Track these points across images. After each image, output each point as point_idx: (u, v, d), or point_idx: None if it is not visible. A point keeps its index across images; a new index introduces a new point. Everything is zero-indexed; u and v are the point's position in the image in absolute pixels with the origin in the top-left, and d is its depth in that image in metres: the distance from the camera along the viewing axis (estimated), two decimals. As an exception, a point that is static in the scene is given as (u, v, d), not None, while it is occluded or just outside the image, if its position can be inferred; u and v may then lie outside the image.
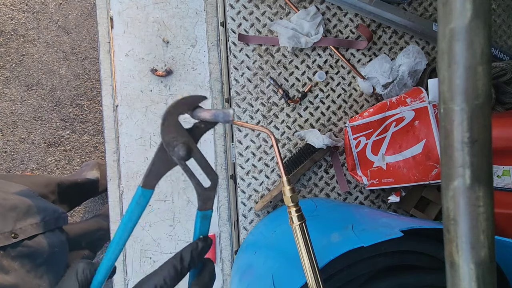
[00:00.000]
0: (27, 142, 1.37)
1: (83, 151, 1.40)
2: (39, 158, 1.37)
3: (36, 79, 1.39)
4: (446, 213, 0.17)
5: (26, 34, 1.39)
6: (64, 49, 1.41)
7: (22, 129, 1.37)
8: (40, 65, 1.39)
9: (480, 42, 0.15)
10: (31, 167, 1.36)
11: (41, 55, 1.40)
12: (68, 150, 1.39)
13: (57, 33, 1.41)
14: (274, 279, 0.35)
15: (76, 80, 1.41)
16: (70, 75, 1.40)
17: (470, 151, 0.16)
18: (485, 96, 0.15)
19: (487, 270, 0.16)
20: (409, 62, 0.60)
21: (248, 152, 0.61)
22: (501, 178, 0.51)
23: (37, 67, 1.39)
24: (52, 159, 1.38)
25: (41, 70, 1.39)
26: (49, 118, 1.38)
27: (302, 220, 0.30)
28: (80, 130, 1.40)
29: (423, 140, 0.52)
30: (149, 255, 0.61)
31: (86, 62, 1.42)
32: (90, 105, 1.41)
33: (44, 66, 1.39)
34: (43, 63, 1.39)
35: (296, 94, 0.63)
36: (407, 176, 0.54)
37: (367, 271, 0.34)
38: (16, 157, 1.36)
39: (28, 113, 1.37)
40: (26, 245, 0.66)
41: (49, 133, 1.38)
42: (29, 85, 1.38)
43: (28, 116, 1.37)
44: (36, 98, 1.38)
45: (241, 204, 0.61)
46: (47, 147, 1.38)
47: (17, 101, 1.37)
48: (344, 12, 0.64)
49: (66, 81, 1.40)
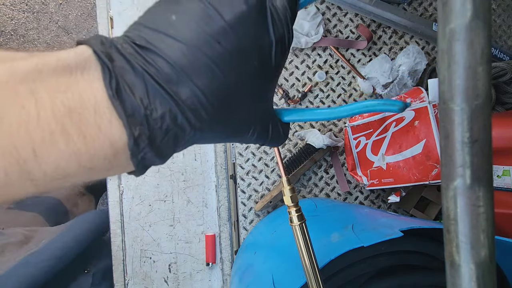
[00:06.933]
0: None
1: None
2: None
3: (36, 79, 1.38)
4: (446, 213, 0.17)
5: (26, 34, 1.39)
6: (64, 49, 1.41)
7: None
8: (40, 65, 1.39)
9: (480, 42, 0.15)
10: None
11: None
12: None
13: (57, 33, 1.41)
14: (274, 279, 0.35)
15: (76, 80, 1.40)
16: (70, 75, 1.40)
17: (470, 151, 0.16)
18: (485, 96, 0.15)
19: (487, 270, 0.16)
20: (409, 62, 0.60)
21: (248, 152, 0.61)
22: (501, 178, 0.51)
23: (37, 67, 1.39)
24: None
25: (41, 70, 1.39)
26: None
27: (302, 220, 0.30)
28: (80, 130, 1.40)
29: (423, 140, 0.52)
30: (149, 255, 0.61)
31: (86, 62, 1.42)
32: (90, 105, 1.41)
33: (44, 66, 1.39)
34: (43, 63, 1.39)
35: (296, 94, 0.63)
36: (407, 176, 0.54)
37: (367, 271, 0.34)
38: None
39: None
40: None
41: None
42: (29, 85, 1.38)
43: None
44: (36, 98, 1.38)
45: (241, 204, 0.61)
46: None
47: (17, 101, 1.37)
48: (344, 12, 0.64)
49: (66, 81, 1.40)
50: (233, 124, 0.20)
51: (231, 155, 0.62)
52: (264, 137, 0.23)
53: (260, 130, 0.22)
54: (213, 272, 0.62)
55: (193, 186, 0.63)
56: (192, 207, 0.62)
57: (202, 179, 0.63)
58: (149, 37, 0.18)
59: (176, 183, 0.62)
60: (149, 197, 0.62)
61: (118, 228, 0.61)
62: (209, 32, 0.18)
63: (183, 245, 0.62)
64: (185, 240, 0.62)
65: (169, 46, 0.17)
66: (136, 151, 0.17)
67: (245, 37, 0.19)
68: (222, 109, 0.19)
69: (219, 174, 0.62)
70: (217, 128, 0.20)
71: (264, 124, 0.22)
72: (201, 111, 0.18)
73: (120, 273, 0.61)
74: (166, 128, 0.17)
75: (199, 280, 0.62)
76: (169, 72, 0.17)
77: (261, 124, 0.22)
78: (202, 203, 0.63)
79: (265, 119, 0.22)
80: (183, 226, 0.62)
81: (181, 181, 0.62)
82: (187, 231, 0.62)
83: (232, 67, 0.18)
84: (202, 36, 0.18)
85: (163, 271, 0.62)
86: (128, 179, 0.61)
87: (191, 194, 0.62)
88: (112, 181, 0.61)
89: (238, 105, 0.20)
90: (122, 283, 0.61)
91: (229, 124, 0.20)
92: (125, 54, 0.17)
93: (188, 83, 0.18)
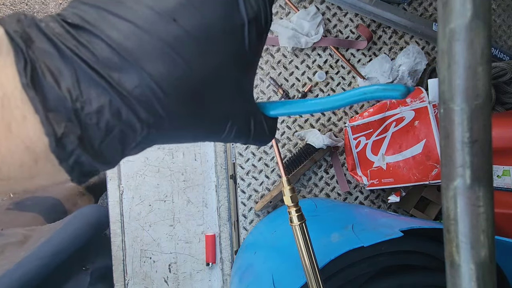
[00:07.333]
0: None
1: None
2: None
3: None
4: (446, 213, 0.17)
5: (26, 34, 1.40)
6: None
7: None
8: (40, 65, 1.39)
9: (480, 42, 0.15)
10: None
11: (41, 55, 1.40)
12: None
13: (57, 33, 1.41)
14: (274, 279, 0.35)
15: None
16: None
17: (470, 151, 0.16)
18: (485, 96, 0.15)
19: (487, 270, 0.16)
20: (409, 62, 0.60)
21: (248, 152, 0.61)
22: (501, 178, 0.51)
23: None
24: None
25: (41, 70, 1.39)
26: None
27: (302, 220, 0.30)
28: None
29: (423, 140, 0.52)
30: (149, 255, 0.61)
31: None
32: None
33: (44, 66, 1.39)
34: (43, 63, 1.39)
35: (296, 94, 0.63)
36: (407, 176, 0.54)
37: (367, 271, 0.34)
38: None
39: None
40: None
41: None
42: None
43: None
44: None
45: (241, 204, 0.61)
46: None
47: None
48: (344, 12, 0.64)
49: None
50: (203, 122, 0.17)
51: (231, 155, 0.62)
52: (246, 135, 0.20)
53: (239, 127, 0.19)
54: (213, 272, 0.62)
55: (193, 186, 0.63)
56: (192, 207, 0.62)
57: (202, 179, 0.63)
58: (86, 15, 0.14)
59: (176, 183, 0.62)
60: (149, 197, 0.62)
61: (118, 228, 0.61)
62: (164, 9, 0.15)
63: (183, 245, 0.62)
64: (185, 240, 0.62)
65: (113, 26, 0.14)
66: (62, 155, 0.14)
67: (209, 15, 0.15)
68: (185, 104, 0.16)
69: (219, 174, 0.62)
70: (183, 126, 0.17)
71: (244, 120, 0.19)
72: (155, 105, 0.15)
73: (120, 273, 0.61)
74: (105, 125, 0.14)
75: (199, 280, 0.62)
76: (110, 56, 0.14)
77: (240, 120, 0.19)
78: (202, 203, 0.63)
79: (244, 115, 0.19)
80: (183, 226, 0.62)
81: (181, 181, 0.62)
82: (187, 231, 0.62)
83: (195, 52, 0.15)
84: (155, 14, 0.15)
85: (163, 271, 0.62)
86: (128, 179, 0.62)
87: (191, 194, 0.63)
88: (112, 181, 0.61)
89: (207, 98, 0.17)
90: (122, 283, 0.61)
91: (198, 122, 0.17)
92: (49, 35, 0.14)
93: (137, 70, 0.14)
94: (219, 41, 0.16)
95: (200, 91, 0.16)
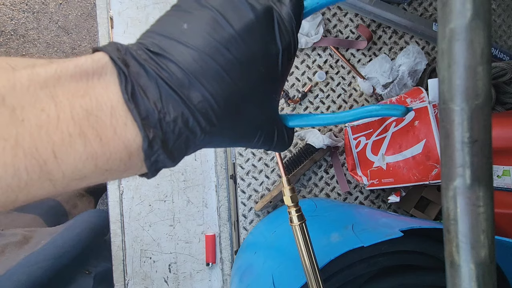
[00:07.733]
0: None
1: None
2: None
3: (36, 79, 1.38)
4: (446, 213, 0.17)
5: (26, 34, 1.39)
6: (64, 49, 1.41)
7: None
8: (40, 65, 1.39)
9: (480, 42, 0.15)
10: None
11: (41, 55, 1.40)
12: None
13: (57, 33, 1.41)
14: (274, 279, 0.35)
15: (76, 80, 1.40)
16: (70, 75, 1.40)
17: (470, 151, 0.16)
18: (485, 96, 0.15)
19: (487, 270, 0.16)
20: (409, 62, 0.60)
21: (248, 152, 0.61)
22: (501, 178, 0.51)
23: (37, 67, 1.39)
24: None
25: (41, 70, 1.39)
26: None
27: (302, 220, 0.30)
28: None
29: (423, 140, 0.52)
30: (149, 255, 0.61)
31: (86, 62, 1.42)
32: (90, 105, 1.41)
33: (44, 66, 1.39)
34: (43, 63, 1.39)
35: (296, 94, 0.63)
36: (407, 176, 0.54)
37: (367, 271, 0.34)
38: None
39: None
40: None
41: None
42: (29, 85, 1.38)
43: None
44: (36, 98, 1.38)
45: (241, 204, 0.61)
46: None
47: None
48: (344, 12, 0.64)
49: (66, 81, 1.40)
50: (240, 129, 0.21)
51: (231, 155, 0.62)
52: (270, 142, 0.24)
53: (266, 135, 0.23)
54: (213, 272, 0.62)
55: (193, 186, 0.63)
56: (192, 207, 0.62)
57: (202, 179, 0.63)
58: (162, 44, 0.18)
59: (176, 183, 0.62)
60: (149, 197, 0.62)
61: (118, 228, 0.61)
62: (219, 40, 0.19)
63: (183, 245, 0.62)
64: (185, 240, 0.62)
65: (181, 53, 0.18)
66: (149, 154, 0.18)
67: (253, 45, 0.19)
68: (230, 114, 0.20)
69: (219, 174, 0.62)
70: (226, 132, 0.20)
71: (270, 129, 0.23)
72: (211, 115, 0.19)
73: (120, 273, 0.61)
74: (178, 131, 0.18)
75: (199, 280, 0.62)
76: (181, 77, 0.18)
77: (267, 129, 0.23)
78: (202, 203, 0.63)
79: (271, 124, 0.23)
80: (183, 226, 0.62)
81: (181, 181, 0.62)
82: (187, 231, 0.62)
83: (241, 74, 0.19)
84: (212, 44, 0.18)
85: (163, 271, 0.62)
86: (128, 179, 0.61)
87: (191, 194, 0.63)
88: (112, 181, 0.61)
89: (246, 110, 0.20)
90: (122, 283, 0.61)
91: (237, 129, 0.21)
92: (140, 60, 0.18)
93: (199, 88, 0.18)
94: (259, 65, 0.20)
95: (241, 104, 0.20)
